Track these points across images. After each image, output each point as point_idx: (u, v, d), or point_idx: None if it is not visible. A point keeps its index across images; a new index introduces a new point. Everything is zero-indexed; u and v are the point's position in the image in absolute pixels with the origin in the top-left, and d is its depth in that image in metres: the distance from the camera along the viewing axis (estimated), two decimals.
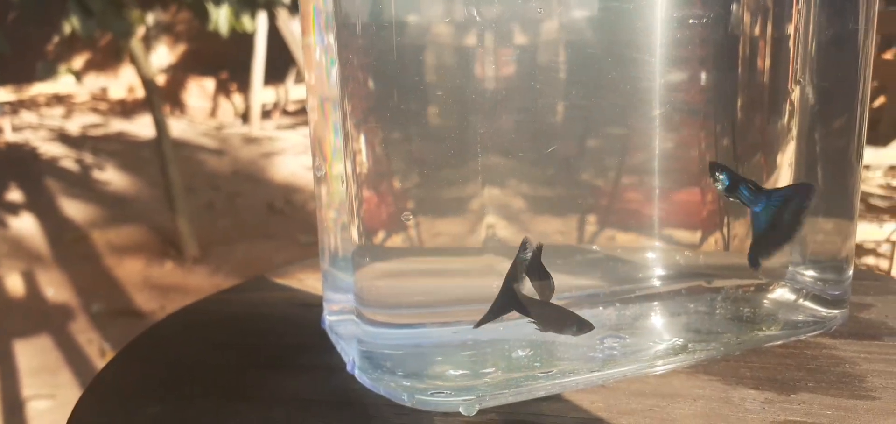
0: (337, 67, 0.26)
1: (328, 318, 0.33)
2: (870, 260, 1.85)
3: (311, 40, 0.30)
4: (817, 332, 0.33)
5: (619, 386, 0.29)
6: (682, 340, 0.30)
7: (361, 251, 0.27)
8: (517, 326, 0.29)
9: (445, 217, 0.27)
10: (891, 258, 1.75)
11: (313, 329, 0.34)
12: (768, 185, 0.31)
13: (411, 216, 0.26)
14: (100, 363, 1.46)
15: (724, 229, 0.32)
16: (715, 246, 0.32)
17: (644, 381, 0.29)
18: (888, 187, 2.38)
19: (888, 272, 1.75)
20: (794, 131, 0.31)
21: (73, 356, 1.50)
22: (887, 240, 1.73)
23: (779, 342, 0.32)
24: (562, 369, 0.28)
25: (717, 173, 0.29)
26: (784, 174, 0.31)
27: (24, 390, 1.36)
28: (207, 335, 0.36)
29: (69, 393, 1.35)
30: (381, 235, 0.27)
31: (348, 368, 0.29)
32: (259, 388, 0.30)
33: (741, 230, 0.32)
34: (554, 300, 0.27)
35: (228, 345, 0.34)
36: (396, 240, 0.27)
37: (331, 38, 0.26)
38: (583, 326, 0.27)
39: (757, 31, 0.30)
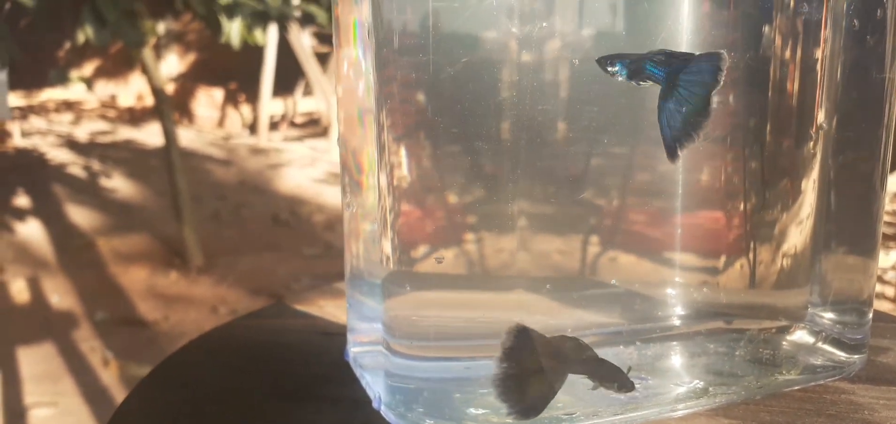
0: (374, 79, 0.26)
1: (352, 350, 0.33)
2: (877, 288, 1.85)
3: (348, 52, 0.30)
4: (836, 377, 0.33)
5: None
6: (702, 383, 0.30)
7: (394, 277, 0.27)
8: None
9: (480, 237, 0.27)
10: None
11: (336, 360, 0.34)
12: (791, 210, 0.32)
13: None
14: (103, 372, 1.46)
15: (749, 257, 0.32)
16: (737, 281, 0.32)
17: None
18: (895, 213, 2.37)
19: (894, 299, 1.75)
20: (818, 158, 0.31)
21: (76, 364, 1.50)
22: (893, 267, 1.73)
23: (798, 387, 0.32)
24: (585, 411, 0.28)
25: (608, 67, 0.25)
26: (808, 199, 0.32)
27: (26, 397, 1.36)
28: (227, 364, 0.36)
29: (71, 402, 1.35)
30: (416, 251, 0.27)
31: (374, 404, 0.29)
32: (282, 421, 0.30)
33: (765, 264, 0.32)
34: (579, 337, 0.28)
35: (250, 374, 0.34)
36: (430, 263, 0.27)
37: (370, 51, 0.27)
38: (625, 384, 0.28)
39: (785, 56, 0.30)
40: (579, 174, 0.28)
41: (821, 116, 0.31)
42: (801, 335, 0.33)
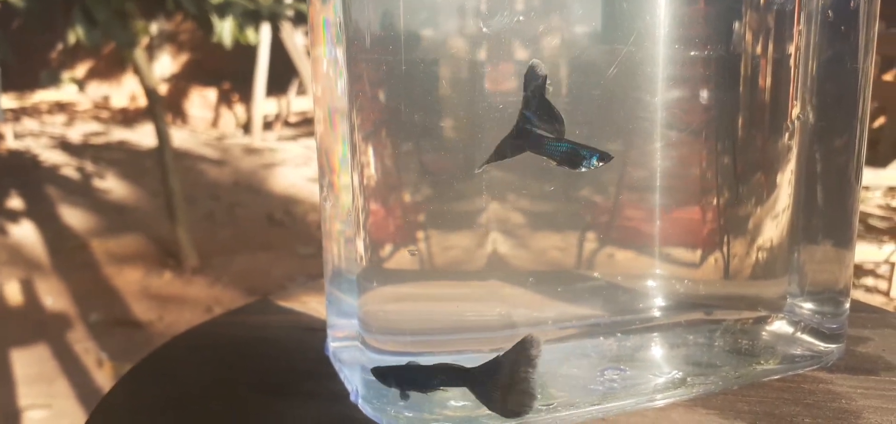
0: (345, 78, 0.26)
1: (332, 345, 0.33)
2: (869, 281, 1.86)
3: (321, 52, 0.30)
4: (814, 367, 0.33)
5: (618, 420, 0.29)
6: (681, 373, 0.31)
7: (367, 274, 0.27)
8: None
9: (451, 233, 0.27)
10: (889, 279, 1.76)
11: (317, 355, 0.34)
12: (767, 203, 0.32)
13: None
14: (97, 374, 1.46)
15: (724, 250, 0.32)
16: (714, 273, 0.32)
17: (643, 415, 0.29)
18: (888, 207, 2.39)
19: (887, 292, 1.75)
20: (794, 151, 0.31)
21: (70, 365, 1.50)
22: (886, 261, 1.73)
23: (776, 377, 0.32)
24: (562, 401, 0.28)
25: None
26: (784, 192, 0.32)
27: (20, 399, 1.35)
28: (211, 359, 0.36)
29: (65, 403, 1.34)
30: (386, 248, 0.27)
31: (351, 397, 0.29)
32: (263, 415, 0.30)
33: (740, 256, 0.32)
34: (557, 330, 0.28)
35: (232, 369, 0.35)
36: (402, 259, 0.27)
37: (340, 50, 0.27)
38: (603, 156, 0.26)
39: (758, 50, 0.30)
40: (559, 170, 0.28)
41: (796, 109, 0.31)
42: (779, 325, 0.34)
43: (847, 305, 0.34)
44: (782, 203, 0.32)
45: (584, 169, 0.26)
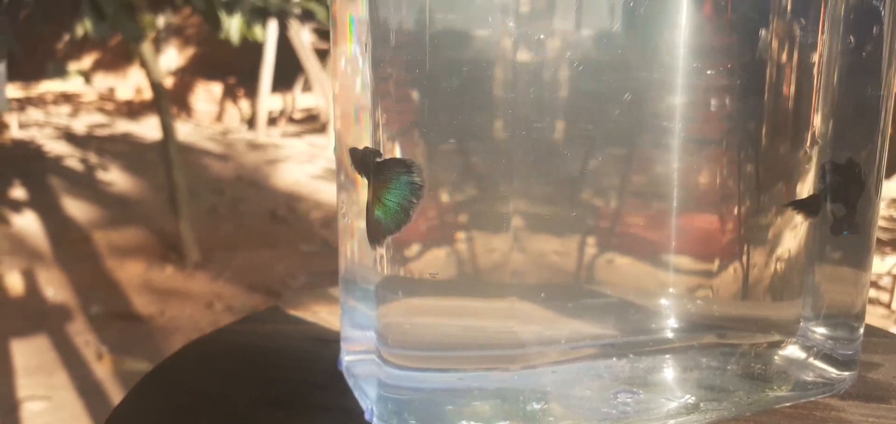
0: (370, 76, 0.26)
1: (345, 358, 0.33)
2: (871, 292, 1.86)
3: (345, 49, 0.30)
4: (827, 394, 0.33)
5: None
6: (694, 398, 0.30)
7: (387, 284, 0.27)
8: (533, 375, 0.29)
9: (475, 240, 0.27)
10: (891, 291, 1.76)
11: (329, 368, 0.34)
12: (784, 219, 0.32)
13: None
14: (97, 367, 1.46)
15: (740, 269, 0.32)
16: (729, 294, 0.32)
17: None
18: (891, 219, 2.38)
19: (888, 304, 1.75)
20: (814, 162, 0.31)
21: (70, 357, 1.50)
22: (888, 273, 1.73)
23: (788, 404, 0.32)
24: (575, 422, 0.28)
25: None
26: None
27: (19, 390, 1.35)
28: (221, 370, 0.36)
29: (65, 395, 1.34)
30: (410, 253, 0.27)
31: (366, 416, 0.29)
32: None
33: (756, 276, 0.32)
34: (570, 349, 0.28)
35: (244, 381, 0.34)
36: (423, 264, 0.27)
37: (365, 48, 0.27)
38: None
39: (781, 59, 0.30)
40: (576, 177, 0.28)
41: (817, 124, 0.31)
42: (792, 350, 0.33)
43: (861, 330, 0.34)
44: (800, 218, 0.32)
45: None
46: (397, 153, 0.26)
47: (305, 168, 3.07)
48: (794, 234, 0.32)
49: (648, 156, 0.29)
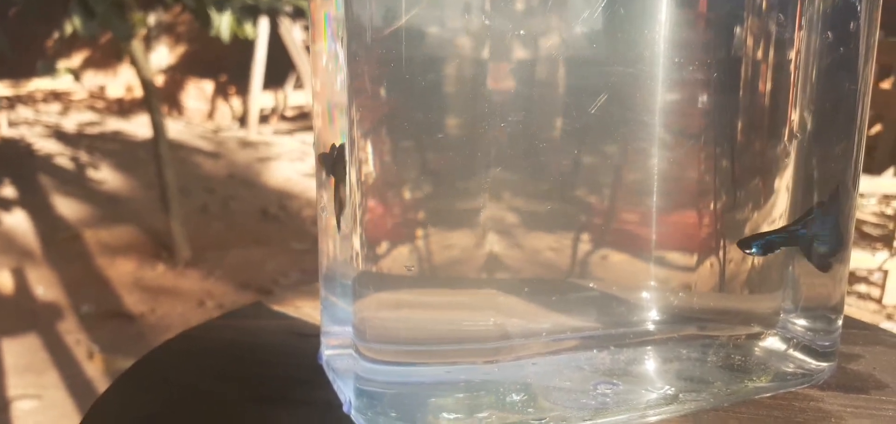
0: (345, 73, 0.26)
1: (325, 353, 0.33)
2: (861, 288, 1.87)
3: (322, 46, 0.30)
4: (806, 384, 0.33)
5: None
6: (673, 389, 0.31)
7: (363, 279, 0.27)
8: (513, 367, 0.29)
9: (449, 234, 0.27)
10: (882, 287, 1.77)
11: (310, 362, 0.34)
12: (764, 211, 0.32)
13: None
14: (88, 365, 1.46)
15: (720, 260, 0.32)
16: (709, 285, 0.32)
17: None
18: (882, 215, 2.40)
19: (879, 300, 1.76)
20: (792, 158, 0.31)
21: (61, 356, 1.49)
22: (879, 268, 1.74)
23: (768, 395, 0.32)
24: (554, 416, 0.28)
25: (747, 250, 0.30)
26: (781, 198, 0.32)
27: (9, 389, 1.35)
28: (204, 365, 0.36)
29: (55, 394, 1.34)
30: (383, 249, 0.27)
31: (345, 408, 0.29)
32: (254, 423, 0.30)
33: (736, 268, 0.32)
34: (551, 342, 0.28)
35: (225, 376, 0.34)
36: (399, 263, 0.27)
37: (341, 45, 0.27)
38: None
39: (758, 55, 0.30)
40: (554, 171, 0.28)
41: (795, 119, 0.31)
42: (772, 342, 0.34)
43: (840, 322, 0.34)
44: (779, 212, 0.32)
45: None
46: (370, 151, 0.26)
47: (297, 166, 3.06)
48: (772, 228, 0.32)
49: (628, 150, 0.29)
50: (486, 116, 0.26)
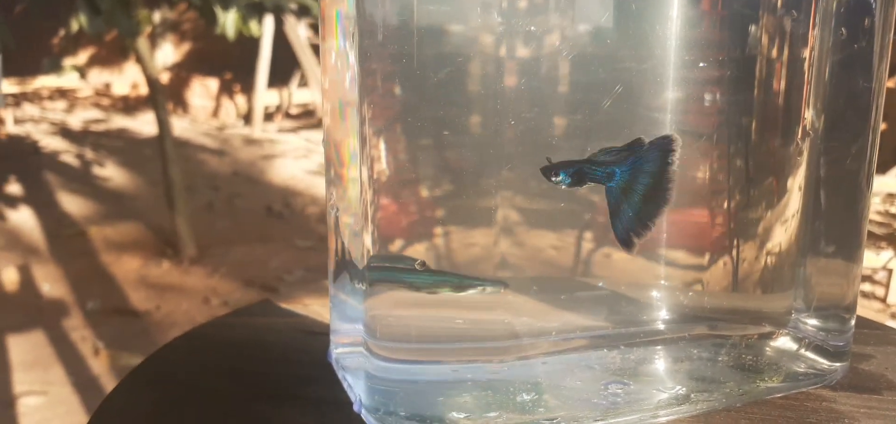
0: (357, 71, 0.26)
1: (335, 351, 0.33)
2: (866, 286, 1.86)
3: (333, 44, 0.30)
4: (818, 385, 0.33)
5: None
6: (684, 389, 0.30)
7: (375, 276, 0.27)
8: (523, 366, 0.29)
9: (461, 233, 0.27)
10: (886, 285, 1.77)
11: (319, 360, 0.34)
12: (776, 211, 0.32)
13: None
14: (93, 362, 1.46)
15: (732, 260, 0.32)
16: (721, 284, 0.32)
17: None
18: (886, 213, 2.39)
19: (884, 298, 1.76)
20: (805, 157, 0.31)
21: (67, 353, 1.50)
22: (884, 267, 1.74)
23: (779, 395, 0.32)
24: (564, 415, 0.28)
25: (552, 177, 0.26)
26: (794, 200, 0.32)
27: (15, 386, 1.35)
28: (212, 363, 0.36)
29: (61, 391, 1.34)
30: (395, 246, 0.27)
31: (354, 407, 0.29)
32: (263, 421, 0.30)
33: (747, 267, 0.32)
34: (561, 341, 0.28)
35: (233, 374, 0.34)
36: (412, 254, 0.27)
37: (352, 43, 0.27)
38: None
39: (772, 52, 0.30)
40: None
41: (809, 117, 0.31)
42: (784, 342, 0.33)
43: (852, 322, 0.34)
44: (791, 211, 0.32)
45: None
46: (383, 149, 0.26)
47: (301, 164, 3.06)
48: (785, 227, 0.32)
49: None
50: (497, 113, 0.26)
